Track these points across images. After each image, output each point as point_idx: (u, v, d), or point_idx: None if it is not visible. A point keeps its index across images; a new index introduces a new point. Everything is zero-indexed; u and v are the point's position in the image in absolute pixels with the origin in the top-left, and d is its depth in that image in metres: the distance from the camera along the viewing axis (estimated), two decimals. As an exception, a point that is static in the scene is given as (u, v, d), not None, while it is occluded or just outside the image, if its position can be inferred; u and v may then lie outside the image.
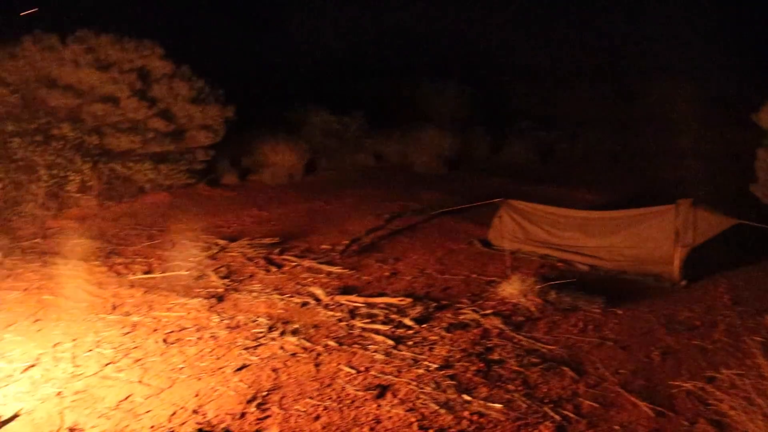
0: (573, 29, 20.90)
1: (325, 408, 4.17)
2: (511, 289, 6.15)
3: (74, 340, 5.18)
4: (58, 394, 4.32)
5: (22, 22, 10.01)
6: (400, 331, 5.36)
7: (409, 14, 21.65)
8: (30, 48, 10.17)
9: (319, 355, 4.93)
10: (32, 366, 4.74)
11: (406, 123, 14.71)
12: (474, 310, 5.81)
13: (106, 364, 4.75)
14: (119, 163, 10.01)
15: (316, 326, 5.48)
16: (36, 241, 7.89)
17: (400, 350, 5.01)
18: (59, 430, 3.88)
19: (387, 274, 6.94)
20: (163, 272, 6.88)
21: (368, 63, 18.85)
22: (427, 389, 4.40)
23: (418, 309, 5.82)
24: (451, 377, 4.58)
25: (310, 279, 6.71)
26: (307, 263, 7.18)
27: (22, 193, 8.95)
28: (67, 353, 4.94)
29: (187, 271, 6.90)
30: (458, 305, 5.98)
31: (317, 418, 4.06)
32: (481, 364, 4.77)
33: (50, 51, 10.23)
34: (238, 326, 5.44)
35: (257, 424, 3.98)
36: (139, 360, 4.82)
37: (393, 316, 5.67)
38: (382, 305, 5.94)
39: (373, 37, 20.60)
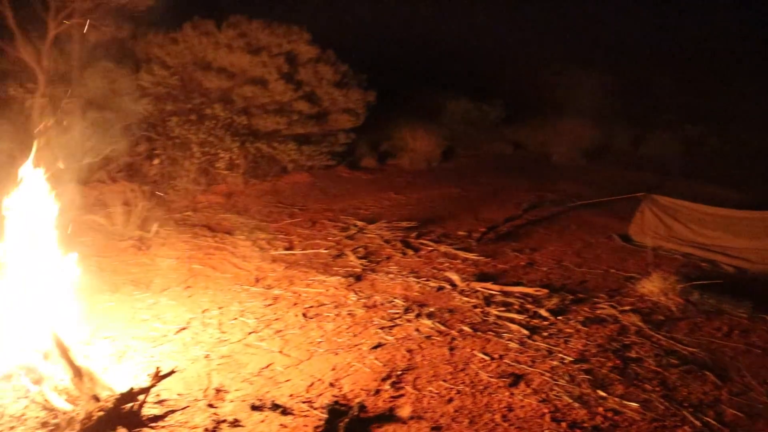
0: (733, 15, 19.56)
1: (458, 392, 4.18)
2: (651, 286, 5.92)
3: (220, 308, 5.48)
4: (206, 356, 4.59)
5: (183, 6, 10.58)
6: (535, 322, 5.29)
7: (551, 2, 21.16)
8: (189, 33, 10.76)
9: (453, 339, 4.95)
10: (183, 329, 5.05)
11: (545, 112, 14.42)
12: (612, 306, 5.65)
13: (249, 333, 4.99)
14: (265, 143, 10.43)
15: (451, 311, 5.50)
16: (187, 213, 8.38)
17: (534, 340, 4.95)
18: (207, 390, 4.11)
19: (523, 263, 6.86)
20: (303, 249, 7.12)
21: (509, 51, 18.57)
22: (561, 382, 4.33)
23: (554, 300, 5.72)
24: (586, 372, 4.47)
25: (446, 264, 6.74)
26: (443, 248, 7.20)
27: (176, 168, 9.54)
28: (214, 320, 5.23)
29: (326, 249, 7.11)
30: (595, 299, 5.83)
31: (450, 401, 4.08)
32: (618, 361, 4.63)
33: (207, 36, 10.78)
34: (374, 306, 5.56)
35: (391, 401, 4.04)
36: (280, 331, 5.03)
37: (528, 306, 5.61)
38: (517, 294, 5.88)
39: (516, 26, 20.27)
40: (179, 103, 10.05)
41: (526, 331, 5.09)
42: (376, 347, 4.77)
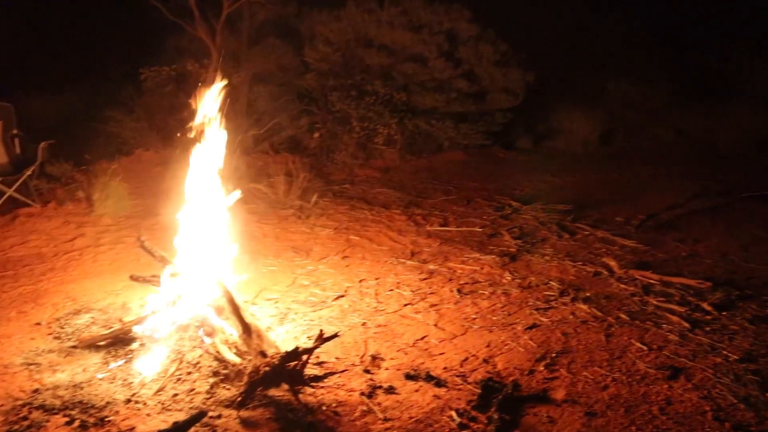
0: None
1: (614, 379, 4.04)
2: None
3: (377, 278, 5.60)
4: (363, 324, 4.71)
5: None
6: (696, 315, 5.00)
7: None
8: (352, 11, 11.00)
9: (610, 326, 4.79)
10: (341, 296, 5.21)
11: (713, 98, 13.51)
12: (785, 305, 5.24)
13: (405, 305, 5.06)
14: (423, 120, 10.52)
15: (607, 297, 5.32)
16: (345, 186, 8.62)
17: (696, 334, 4.68)
18: (364, 356, 4.23)
19: (684, 254, 6.50)
20: (457, 227, 7.13)
21: (673, 31, 17.51)
22: (725, 380, 4.07)
23: (718, 295, 5.37)
24: (754, 372, 4.17)
25: (603, 249, 6.51)
26: (600, 233, 6.97)
27: (336, 142, 9.84)
28: (371, 290, 5.35)
29: (480, 228, 7.09)
30: (765, 297, 5.42)
31: (605, 387, 3.95)
32: (790, 365, 4.30)
33: (369, 13, 10.98)
34: (529, 287, 5.48)
35: (545, 383, 3.98)
36: (435, 305, 5.07)
37: (690, 299, 5.30)
38: (678, 285, 5.58)
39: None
40: (341, 78, 10.32)
41: (686, 324, 4.82)
42: (530, 328, 4.70)
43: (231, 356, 3.97)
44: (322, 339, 3.90)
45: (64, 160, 8.50)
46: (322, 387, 3.83)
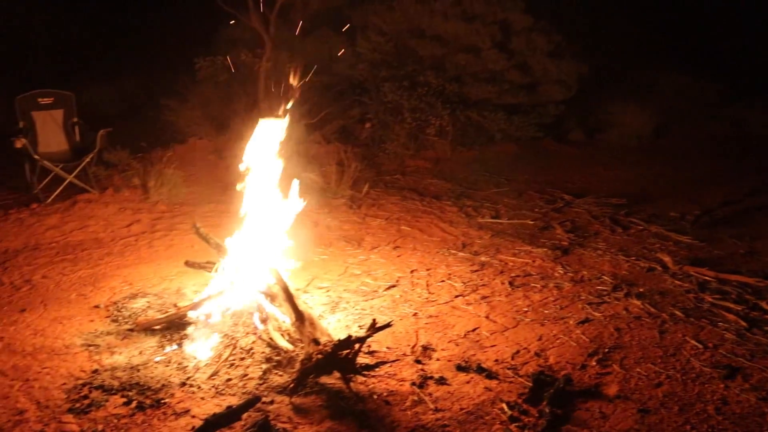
0: None
1: (668, 377, 3.98)
2: None
3: (428, 269, 5.60)
4: (414, 314, 4.72)
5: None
6: (754, 314, 4.88)
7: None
8: (405, 1, 10.96)
9: (663, 322, 4.71)
10: (393, 286, 5.24)
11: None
12: None
13: (456, 296, 5.06)
14: (475, 111, 10.46)
15: (661, 293, 5.23)
16: (396, 176, 8.63)
17: (754, 334, 4.57)
18: (415, 346, 4.24)
19: (742, 251, 6.33)
20: (509, 219, 7.09)
21: (731, 24, 17.02)
22: (786, 381, 3.98)
23: (777, 294, 5.25)
24: (817, 374, 4.07)
25: (657, 245, 6.40)
26: (654, 228, 6.85)
27: (387, 132, 9.84)
28: (422, 280, 5.37)
29: (532, 220, 7.03)
30: (827, 297, 5.27)
31: (659, 385, 3.89)
32: None
33: (422, 4, 10.92)
34: (581, 281, 5.42)
35: (597, 378, 3.93)
36: (486, 297, 5.05)
37: (747, 297, 5.18)
38: (734, 283, 5.45)
39: None
40: (393, 69, 10.32)
41: (744, 323, 4.71)
42: (583, 322, 4.66)
43: (284, 343, 4.03)
44: (374, 328, 3.92)
45: (121, 148, 8.69)
46: (374, 376, 3.86)
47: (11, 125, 7.79)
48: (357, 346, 3.81)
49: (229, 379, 3.81)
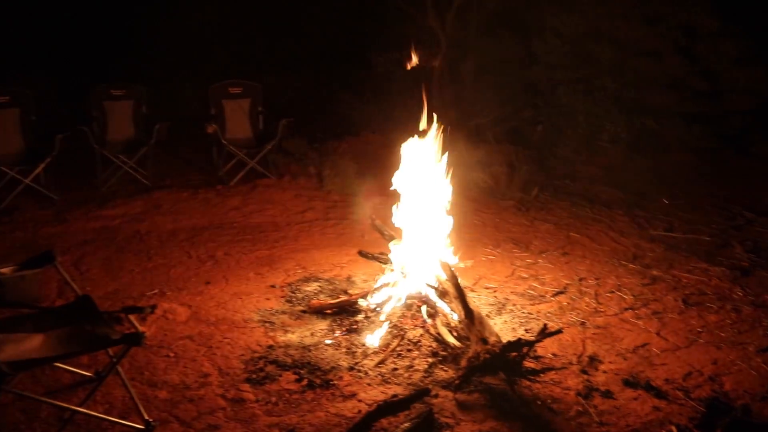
0: None
1: None
2: None
3: (597, 279, 5.51)
4: (582, 323, 4.67)
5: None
6: None
7: None
8: (584, 3, 10.69)
9: None
10: (560, 293, 5.20)
11: None
12: None
13: (626, 309, 4.94)
14: (651, 118, 10.04)
15: None
16: (566, 181, 8.49)
17: None
18: (581, 355, 4.20)
19: None
20: (684, 233, 6.79)
21: None
22: None
23: None
24: None
25: None
26: None
27: (559, 136, 9.68)
28: (591, 289, 5.29)
29: (709, 236, 6.70)
30: None
31: None
32: None
33: (603, 6, 10.62)
34: (764, 305, 5.10)
35: (780, 413, 3.72)
36: (657, 313, 4.90)
37: None
38: None
39: None
40: (568, 72, 10.12)
41: None
42: (764, 350, 4.39)
43: (451, 339, 4.12)
44: (544, 334, 3.92)
45: (299, 137, 9.14)
46: (538, 381, 3.87)
47: (204, 112, 8.43)
48: (525, 349, 3.84)
49: (396, 369, 3.96)
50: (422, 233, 4.74)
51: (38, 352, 3.14)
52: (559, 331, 4.08)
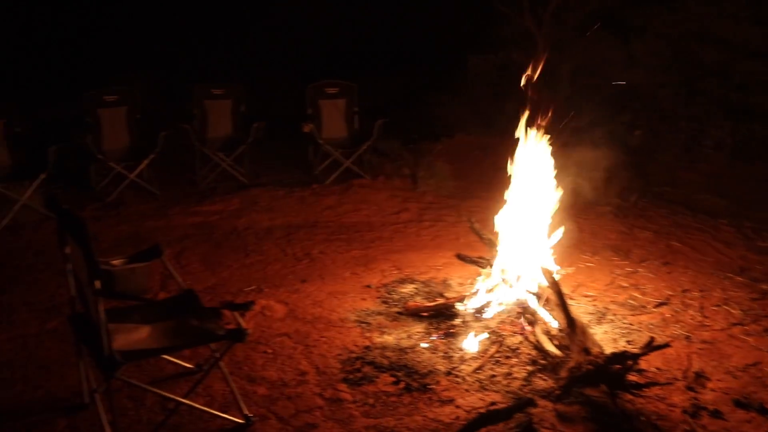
0: None
1: None
2: None
3: (701, 291, 5.27)
4: (687, 337, 4.48)
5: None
6: None
7: None
8: (690, 2, 10.31)
9: None
10: (662, 304, 5.01)
11: None
12: None
13: (734, 324, 4.71)
14: (760, 123, 9.58)
15: None
16: (665, 188, 8.19)
17: None
18: (687, 371, 4.03)
19: None
20: (796, 246, 6.45)
21: None
22: None
23: None
24: None
25: None
26: None
27: (659, 141, 9.37)
28: (695, 302, 5.06)
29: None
30: None
31: None
32: None
33: (709, 5, 10.21)
34: None
35: None
36: (769, 330, 4.65)
37: None
38: None
39: None
40: (670, 74, 9.77)
41: None
42: None
43: (551, 348, 4.03)
44: (650, 347, 3.78)
45: (393, 138, 9.16)
46: (642, 396, 3.73)
47: (299, 111, 8.56)
48: (630, 362, 3.71)
49: (494, 376, 3.90)
50: (524, 239, 4.66)
51: (147, 343, 3.25)
52: (666, 345, 3.93)
